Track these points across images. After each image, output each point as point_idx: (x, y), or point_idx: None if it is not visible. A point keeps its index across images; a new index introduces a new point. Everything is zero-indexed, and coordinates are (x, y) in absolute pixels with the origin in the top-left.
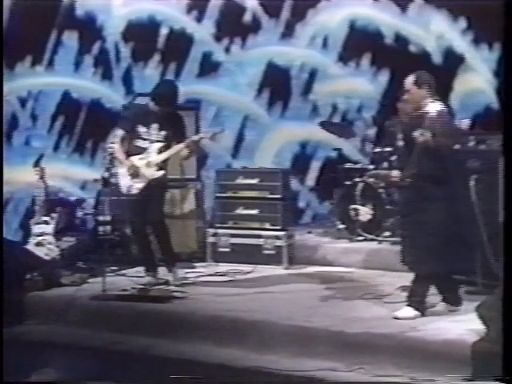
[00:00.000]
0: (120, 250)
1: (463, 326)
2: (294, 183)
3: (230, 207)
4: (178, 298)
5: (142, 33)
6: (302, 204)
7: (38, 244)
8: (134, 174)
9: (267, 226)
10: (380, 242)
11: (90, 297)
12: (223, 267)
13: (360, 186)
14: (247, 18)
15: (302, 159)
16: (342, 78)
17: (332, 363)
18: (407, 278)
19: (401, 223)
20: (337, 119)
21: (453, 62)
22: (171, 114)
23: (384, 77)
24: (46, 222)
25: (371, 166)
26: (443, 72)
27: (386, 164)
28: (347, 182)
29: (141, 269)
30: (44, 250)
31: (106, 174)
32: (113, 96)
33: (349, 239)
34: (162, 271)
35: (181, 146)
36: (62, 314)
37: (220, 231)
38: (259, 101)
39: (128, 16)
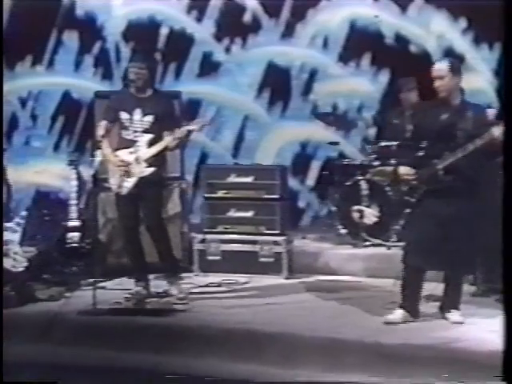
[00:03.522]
0: (92, 259)
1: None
2: (294, 183)
3: (220, 209)
4: (181, 311)
5: (142, 33)
6: (302, 205)
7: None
8: (124, 171)
9: (263, 230)
10: (389, 247)
11: (77, 312)
12: (214, 278)
13: (364, 184)
14: (247, 17)
15: (302, 159)
16: (342, 78)
17: (370, 377)
18: (425, 287)
19: (411, 222)
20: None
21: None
22: (154, 96)
23: (384, 77)
24: (12, 229)
25: (376, 163)
26: None
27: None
28: (347, 182)
29: (120, 281)
30: (10, 262)
31: (96, 172)
32: None
33: (352, 245)
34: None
35: (171, 137)
36: (45, 332)
37: (209, 237)
38: (259, 101)
39: (128, 16)
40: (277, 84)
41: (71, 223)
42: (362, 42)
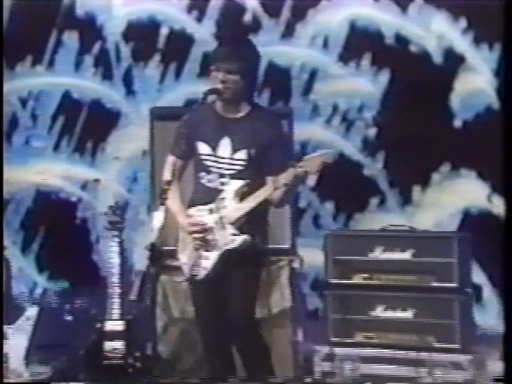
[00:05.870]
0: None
1: None
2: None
3: (358, 305)
4: None
5: (142, 33)
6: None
7: None
8: (202, 240)
9: (433, 342)
10: None
11: None
12: None
13: None
14: (247, 17)
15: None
16: (342, 78)
17: None
18: None
19: None
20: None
21: (453, 61)
22: (252, 116)
23: (384, 77)
24: (13, 336)
25: None
26: (443, 72)
27: None
28: None
29: None
30: None
31: (155, 242)
32: (113, 96)
33: None
34: None
35: (273, 184)
36: None
37: (340, 351)
38: (259, 101)
39: (128, 16)
40: (277, 84)
41: (111, 325)
42: (362, 42)
